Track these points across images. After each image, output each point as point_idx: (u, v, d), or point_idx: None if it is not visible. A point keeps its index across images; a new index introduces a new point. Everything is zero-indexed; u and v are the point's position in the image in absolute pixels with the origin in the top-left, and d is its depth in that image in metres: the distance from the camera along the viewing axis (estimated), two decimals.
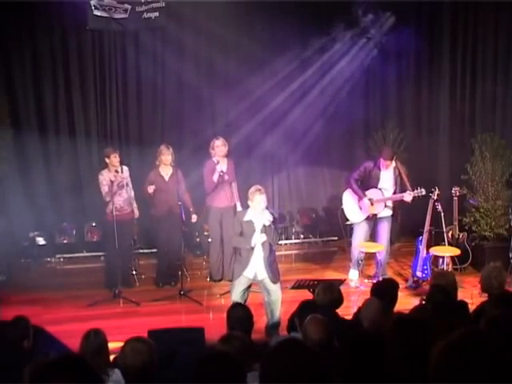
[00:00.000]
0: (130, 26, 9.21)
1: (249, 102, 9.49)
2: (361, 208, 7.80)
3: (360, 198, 7.72)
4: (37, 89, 9.19)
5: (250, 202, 6.10)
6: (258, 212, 6.04)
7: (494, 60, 9.33)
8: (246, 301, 6.15)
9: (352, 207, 7.92)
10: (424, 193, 7.49)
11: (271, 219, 6.09)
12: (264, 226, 6.07)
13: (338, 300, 4.98)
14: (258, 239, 6.06)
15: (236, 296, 6.18)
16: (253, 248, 6.09)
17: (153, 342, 3.70)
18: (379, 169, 7.63)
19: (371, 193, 7.69)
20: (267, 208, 6.16)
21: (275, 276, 6.22)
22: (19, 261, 8.84)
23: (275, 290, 6.22)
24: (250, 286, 6.30)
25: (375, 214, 7.73)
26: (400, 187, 7.61)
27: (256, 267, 6.17)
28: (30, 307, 7.07)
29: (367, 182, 7.71)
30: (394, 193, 7.66)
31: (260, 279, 6.20)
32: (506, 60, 9.20)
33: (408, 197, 7.47)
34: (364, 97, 9.83)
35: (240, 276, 6.19)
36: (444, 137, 9.84)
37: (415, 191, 7.49)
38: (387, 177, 7.66)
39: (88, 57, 9.32)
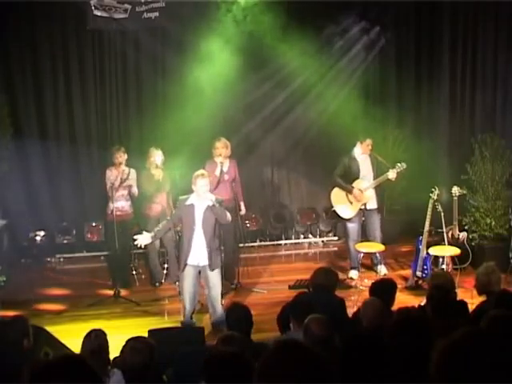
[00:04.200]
0: (130, 26, 9.20)
1: (249, 101, 9.48)
2: (351, 202, 7.93)
3: (349, 191, 7.91)
4: (37, 88, 9.18)
5: (193, 186, 6.34)
6: (201, 196, 6.26)
7: (494, 60, 9.33)
8: (197, 291, 6.42)
9: (343, 204, 8.05)
10: (405, 166, 7.86)
11: (214, 199, 6.28)
12: (208, 206, 6.27)
13: (328, 282, 5.13)
14: (142, 240, 6.42)
15: (188, 289, 6.30)
16: (192, 232, 6.26)
17: (153, 341, 3.70)
18: (356, 158, 7.94)
19: (356, 184, 7.92)
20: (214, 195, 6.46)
21: (214, 263, 6.33)
22: (19, 261, 8.84)
23: (214, 283, 6.35)
24: (199, 275, 6.42)
25: (365, 204, 7.93)
26: (380, 170, 7.91)
27: (198, 253, 6.30)
28: (30, 307, 7.09)
29: (349, 176, 7.96)
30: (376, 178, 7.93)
31: (202, 265, 6.32)
32: (506, 60, 9.20)
33: (392, 174, 7.82)
34: (364, 97, 9.81)
35: (185, 266, 6.30)
36: (444, 137, 9.84)
37: (396, 167, 7.84)
38: (366, 164, 7.97)
39: (88, 57, 9.31)
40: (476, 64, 9.50)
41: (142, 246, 6.74)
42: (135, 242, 6.60)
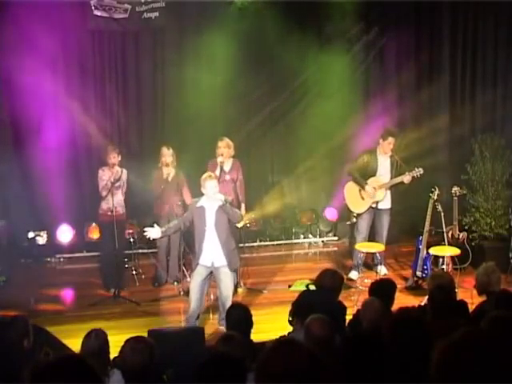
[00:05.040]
0: (130, 26, 9.20)
1: (249, 100, 9.48)
2: (363, 198, 7.94)
3: (362, 187, 7.90)
4: (36, 88, 9.17)
5: (202, 189, 6.27)
6: (211, 197, 6.19)
7: (494, 60, 9.34)
8: (205, 292, 6.43)
9: (354, 199, 8.07)
10: (422, 171, 7.77)
11: (223, 198, 6.21)
12: (219, 206, 6.21)
13: (333, 285, 5.08)
14: (152, 233, 6.41)
15: (195, 289, 6.29)
16: (203, 233, 6.24)
17: (153, 341, 3.70)
18: (377, 156, 7.91)
19: (371, 181, 7.90)
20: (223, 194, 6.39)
21: (233, 263, 6.35)
22: (19, 261, 8.84)
23: (227, 284, 6.32)
24: (210, 277, 6.43)
25: (377, 203, 7.90)
26: (398, 172, 7.87)
27: (212, 253, 6.27)
28: (30, 307, 7.08)
29: (365, 173, 7.94)
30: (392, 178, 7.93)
31: (216, 267, 6.29)
32: (505, 60, 9.20)
33: (407, 177, 7.76)
34: (364, 97, 9.82)
35: (197, 266, 6.32)
36: (444, 137, 9.84)
37: (413, 172, 7.77)
38: (385, 164, 7.94)
39: (88, 57, 9.31)
40: (476, 63, 9.51)
41: (151, 239, 6.74)
42: (144, 234, 6.58)
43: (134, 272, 8.29)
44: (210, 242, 6.29)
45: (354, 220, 8.31)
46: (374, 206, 7.94)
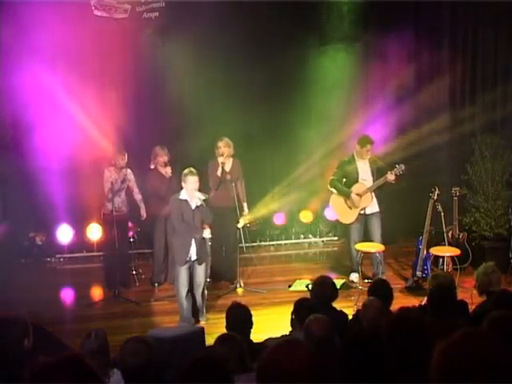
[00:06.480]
0: (130, 26, 9.20)
1: (249, 101, 9.47)
2: (350, 207, 7.89)
3: (348, 196, 7.85)
4: (36, 88, 9.17)
5: (183, 183, 6.51)
6: (190, 193, 6.43)
7: (494, 60, 9.34)
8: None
9: (342, 210, 8.02)
10: (404, 167, 7.73)
11: (202, 198, 6.49)
12: (197, 206, 6.48)
13: (332, 294, 5.03)
14: (208, 234, 6.66)
15: (186, 285, 6.47)
16: (191, 228, 6.51)
17: (152, 341, 3.70)
18: (355, 162, 7.88)
19: (355, 188, 7.86)
20: (200, 191, 6.62)
21: (203, 257, 6.65)
22: (19, 261, 8.84)
23: (199, 273, 6.59)
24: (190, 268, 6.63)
25: (364, 208, 7.87)
26: (381, 174, 7.82)
27: (192, 248, 6.57)
28: (30, 307, 7.07)
29: (347, 180, 7.93)
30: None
31: (193, 260, 6.57)
32: (505, 60, 9.21)
33: (391, 176, 7.69)
34: (363, 97, 9.82)
35: (185, 261, 6.51)
36: (444, 137, 9.84)
37: (395, 169, 7.70)
38: (365, 168, 7.92)
39: (88, 57, 9.30)
40: (476, 64, 9.51)
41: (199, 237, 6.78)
42: (203, 235, 6.69)
43: (134, 272, 8.29)
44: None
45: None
46: (362, 212, 7.91)
